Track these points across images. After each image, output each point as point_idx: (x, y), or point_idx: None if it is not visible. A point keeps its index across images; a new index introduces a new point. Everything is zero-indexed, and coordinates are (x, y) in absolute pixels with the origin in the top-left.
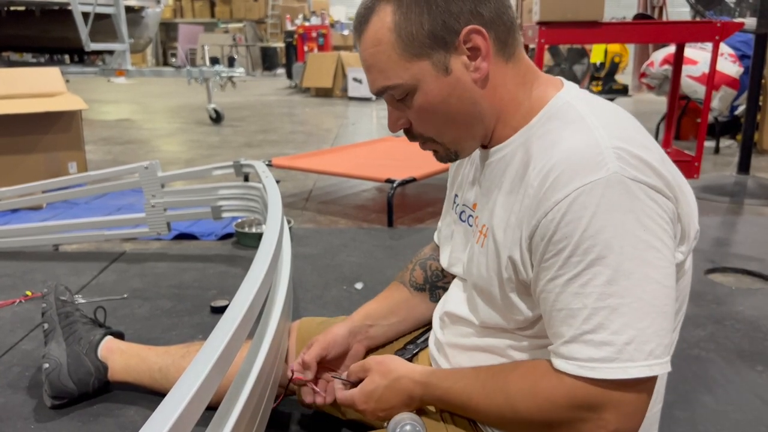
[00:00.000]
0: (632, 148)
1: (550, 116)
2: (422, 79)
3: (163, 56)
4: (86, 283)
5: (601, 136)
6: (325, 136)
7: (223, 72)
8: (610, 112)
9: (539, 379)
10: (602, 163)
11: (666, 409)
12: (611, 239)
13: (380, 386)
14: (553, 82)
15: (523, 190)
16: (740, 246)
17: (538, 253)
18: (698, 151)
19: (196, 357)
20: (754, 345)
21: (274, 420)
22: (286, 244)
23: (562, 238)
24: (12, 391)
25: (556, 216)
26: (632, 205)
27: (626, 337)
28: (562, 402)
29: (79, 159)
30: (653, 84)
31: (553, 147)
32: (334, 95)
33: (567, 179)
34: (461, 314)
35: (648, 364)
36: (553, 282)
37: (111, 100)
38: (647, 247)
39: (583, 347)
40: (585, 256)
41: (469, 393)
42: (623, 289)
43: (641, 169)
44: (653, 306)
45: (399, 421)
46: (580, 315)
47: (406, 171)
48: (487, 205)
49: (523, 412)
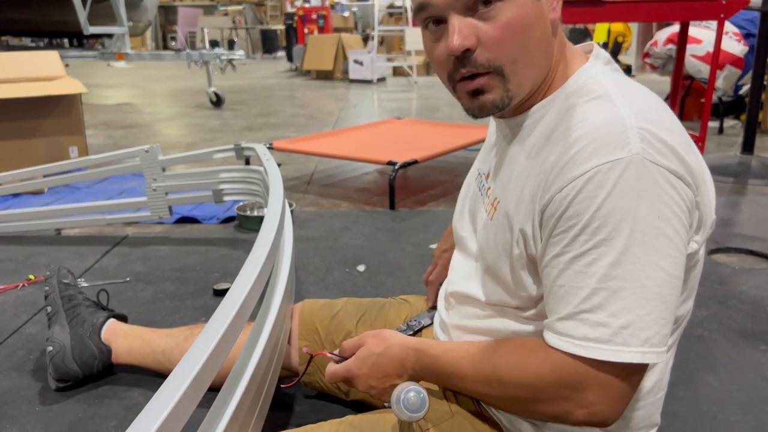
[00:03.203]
0: (658, 130)
1: (573, 90)
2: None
3: (162, 40)
4: (89, 267)
5: (627, 114)
6: (326, 119)
7: (223, 55)
8: (637, 90)
9: (528, 353)
10: (625, 142)
11: (669, 389)
12: (622, 222)
13: (374, 353)
14: (579, 55)
15: (540, 164)
16: (744, 226)
17: (548, 228)
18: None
19: (197, 339)
20: (757, 324)
21: (277, 401)
22: (288, 227)
23: (574, 215)
24: (17, 374)
25: (570, 193)
26: (650, 190)
27: (623, 321)
28: (548, 377)
29: (79, 143)
30: (657, 64)
31: (575, 121)
32: (335, 78)
33: (587, 156)
34: (466, 292)
35: (642, 351)
36: (558, 258)
37: (111, 84)
38: (659, 234)
39: (578, 325)
40: (594, 236)
41: (459, 363)
42: (627, 273)
43: (664, 153)
44: (656, 294)
45: (402, 388)
46: (580, 293)
47: (407, 153)
48: (502, 177)
49: (509, 386)
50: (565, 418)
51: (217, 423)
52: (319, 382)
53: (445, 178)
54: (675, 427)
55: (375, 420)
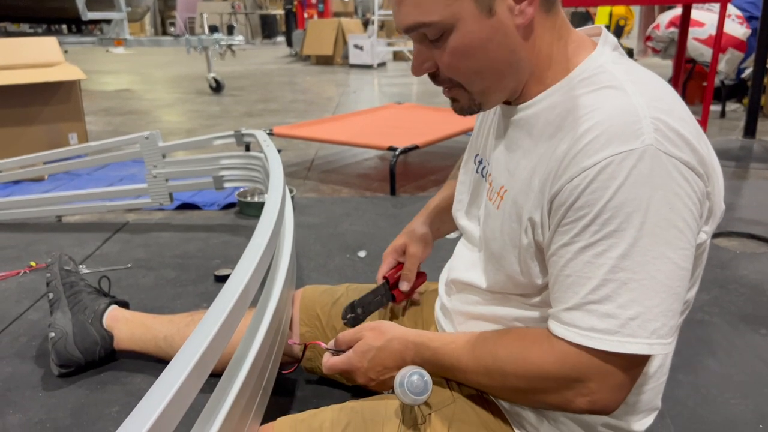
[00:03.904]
0: (670, 120)
1: (583, 78)
2: (462, 18)
3: (161, 25)
4: (90, 254)
5: (639, 104)
6: (326, 105)
7: (223, 40)
8: (647, 78)
9: (530, 344)
10: (639, 132)
11: (670, 373)
12: (634, 213)
13: (373, 347)
14: (585, 42)
15: (550, 153)
16: (745, 210)
17: (556, 217)
18: (704, 115)
19: (198, 325)
20: (758, 308)
21: (279, 387)
22: (289, 213)
23: (584, 206)
24: (20, 361)
25: (582, 183)
26: (663, 182)
27: (632, 312)
28: (551, 368)
29: (79, 130)
30: (659, 47)
31: (587, 110)
32: (335, 63)
33: (600, 146)
34: (468, 281)
35: (649, 343)
36: (566, 248)
37: (110, 70)
38: (669, 226)
39: (586, 316)
40: (604, 227)
41: (459, 355)
42: (637, 264)
43: (677, 143)
44: (665, 286)
45: (406, 372)
46: (588, 284)
47: (408, 138)
48: (508, 165)
49: (511, 377)
50: (566, 407)
51: (219, 408)
52: (321, 367)
53: (446, 164)
54: (676, 411)
55: (376, 405)
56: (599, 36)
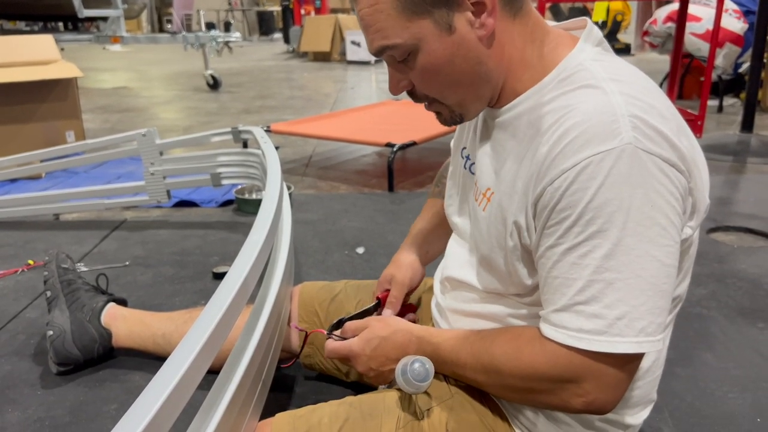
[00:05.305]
0: (649, 117)
1: (561, 78)
2: (423, 38)
3: (158, 22)
4: (88, 252)
5: (618, 102)
6: (324, 101)
7: (219, 37)
8: (628, 74)
9: (524, 344)
10: (616, 132)
11: (667, 367)
12: (615, 213)
13: (378, 336)
14: (564, 40)
15: (531, 155)
16: (742, 205)
17: (541, 219)
18: (701, 110)
19: (195, 322)
20: (755, 302)
21: (277, 383)
22: (286, 210)
23: (566, 207)
24: (18, 359)
25: (562, 184)
26: (643, 180)
27: (618, 312)
28: (543, 368)
29: (76, 128)
30: (656, 42)
31: (565, 111)
32: (333, 59)
33: (578, 147)
34: (462, 279)
35: (637, 341)
36: (551, 249)
37: (107, 68)
38: (652, 224)
39: (573, 317)
40: (587, 228)
41: (458, 351)
42: (621, 264)
43: (656, 140)
44: (651, 284)
45: (407, 361)
46: (574, 285)
47: (406, 135)
48: (494, 167)
49: (506, 376)
50: (563, 407)
51: (217, 405)
52: (319, 363)
53: (443, 160)
54: (673, 405)
55: (375, 400)
56: (584, 29)
